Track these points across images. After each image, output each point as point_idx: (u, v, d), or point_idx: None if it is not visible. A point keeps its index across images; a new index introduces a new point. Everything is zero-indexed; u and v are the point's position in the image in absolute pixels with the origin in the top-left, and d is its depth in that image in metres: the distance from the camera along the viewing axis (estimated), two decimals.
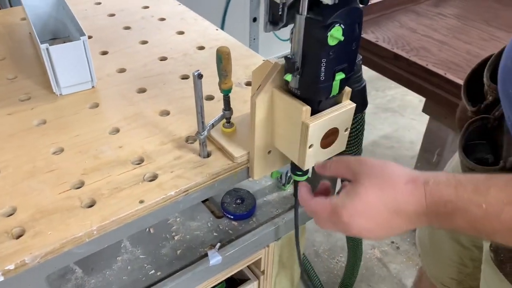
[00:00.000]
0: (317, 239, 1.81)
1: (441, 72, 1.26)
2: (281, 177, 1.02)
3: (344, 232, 0.58)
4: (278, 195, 1.02)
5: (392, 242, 1.80)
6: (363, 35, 1.45)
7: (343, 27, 0.54)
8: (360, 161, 0.57)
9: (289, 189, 1.03)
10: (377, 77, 2.18)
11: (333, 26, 0.53)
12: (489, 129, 0.69)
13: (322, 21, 0.54)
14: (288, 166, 0.81)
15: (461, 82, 1.21)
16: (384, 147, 2.26)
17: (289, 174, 1.01)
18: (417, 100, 2.52)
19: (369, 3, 1.63)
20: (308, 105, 0.63)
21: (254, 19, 2.54)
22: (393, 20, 1.65)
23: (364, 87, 0.72)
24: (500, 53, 0.69)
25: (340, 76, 0.60)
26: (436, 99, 1.31)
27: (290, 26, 0.59)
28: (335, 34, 0.53)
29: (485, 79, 0.70)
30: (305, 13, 0.55)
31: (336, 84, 0.61)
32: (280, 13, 0.55)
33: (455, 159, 0.89)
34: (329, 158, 0.71)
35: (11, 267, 0.59)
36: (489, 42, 1.49)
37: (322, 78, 0.59)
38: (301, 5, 0.54)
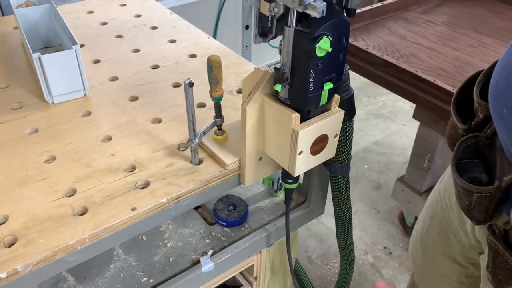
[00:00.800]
0: (310, 245, 1.82)
1: (430, 78, 1.28)
2: (272, 184, 1.03)
3: None
4: (270, 202, 1.03)
5: (385, 248, 1.81)
6: (354, 42, 1.47)
7: (330, 38, 0.55)
8: None
9: (281, 195, 1.04)
10: (368, 84, 2.20)
11: (321, 38, 0.54)
12: (481, 147, 0.69)
13: (310, 33, 0.55)
14: (279, 173, 0.82)
15: (450, 88, 1.23)
16: (376, 153, 2.28)
17: (280, 181, 1.02)
18: (408, 106, 2.55)
19: (360, 11, 1.65)
20: (298, 113, 0.65)
21: (247, 27, 2.56)
22: (383, 27, 1.67)
23: (352, 96, 0.73)
24: (489, 70, 0.68)
25: (328, 86, 0.61)
26: (426, 105, 1.33)
27: (280, 37, 0.60)
28: (323, 46, 0.55)
29: (475, 97, 0.69)
30: (294, 25, 0.56)
31: (324, 94, 0.62)
32: (269, 25, 0.56)
33: (447, 175, 0.88)
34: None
35: (3, 275, 0.60)
36: (477, 49, 1.51)
37: (311, 88, 0.60)
38: (289, 18, 0.55)
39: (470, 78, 0.74)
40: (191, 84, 0.68)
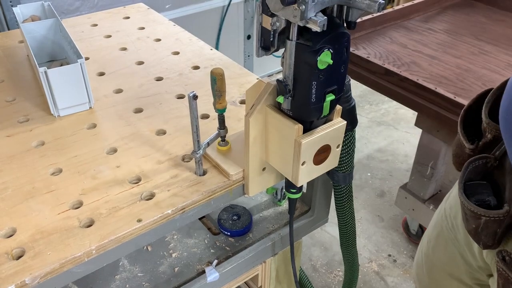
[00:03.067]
0: (314, 254, 1.82)
1: (432, 86, 1.29)
2: (276, 193, 1.03)
3: None
4: (274, 211, 1.03)
5: (389, 255, 1.81)
6: (355, 51, 1.48)
7: (331, 51, 0.56)
8: None
9: (285, 204, 1.04)
10: (370, 92, 2.21)
11: (322, 51, 0.56)
12: (489, 169, 0.66)
13: (311, 46, 0.56)
14: (283, 182, 0.83)
15: (451, 96, 1.24)
16: (379, 160, 2.28)
17: (284, 190, 1.02)
18: (411, 113, 2.55)
19: (360, 20, 1.67)
20: (301, 124, 0.66)
21: (248, 37, 2.58)
22: (384, 36, 1.69)
23: (354, 106, 0.74)
24: (498, 89, 0.66)
25: (330, 97, 0.62)
26: (428, 113, 1.33)
27: (282, 49, 0.61)
28: (324, 59, 0.56)
29: (483, 117, 0.66)
30: (295, 39, 0.57)
31: (326, 105, 0.63)
32: (271, 39, 0.57)
33: (452, 194, 0.85)
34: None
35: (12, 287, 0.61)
36: (478, 56, 1.52)
37: (313, 99, 0.61)
38: (291, 31, 0.57)
39: (478, 97, 0.72)
40: (195, 97, 0.69)
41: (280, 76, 0.64)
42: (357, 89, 2.67)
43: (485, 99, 0.68)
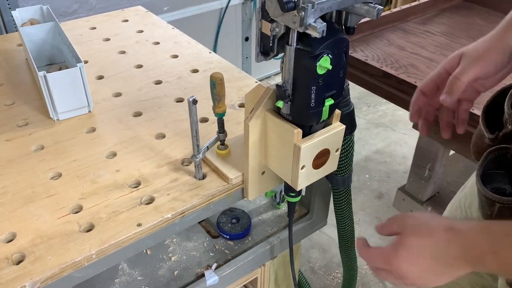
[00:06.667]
0: (312, 256, 1.82)
1: None
2: (275, 196, 1.04)
3: (401, 282, 0.63)
4: (273, 214, 1.04)
5: None
6: (353, 54, 1.49)
7: (331, 56, 0.57)
8: (405, 216, 0.63)
9: (284, 207, 1.05)
10: (367, 93, 2.22)
11: (322, 56, 0.56)
12: (509, 160, 0.67)
13: (311, 52, 0.56)
14: (282, 185, 0.83)
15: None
16: (377, 162, 2.29)
17: (283, 193, 1.03)
18: (408, 115, 2.56)
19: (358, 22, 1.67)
20: (300, 128, 0.66)
21: (246, 39, 2.58)
22: (382, 38, 1.69)
23: (352, 110, 0.75)
24: None
25: (329, 102, 0.63)
26: None
27: (281, 54, 0.61)
28: (324, 64, 0.56)
29: (506, 108, 0.68)
30: (295, 44, 0.57)
31: (325, 110, 0.63)
32: (270, 44, 0.58)
33: (469, 183, 0.87)
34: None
35: None
36: None
37: (312, 104, 0.61)
38: (290, 37, 0.57)
39: (502, 90, 0.73)
40: (194, 102, 0.70)
41: (278, 79, 0.64)
42: (354, 91, 2.67)
43: (509, 91, 0.69)
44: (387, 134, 2.50)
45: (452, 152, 1.75)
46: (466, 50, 0.73)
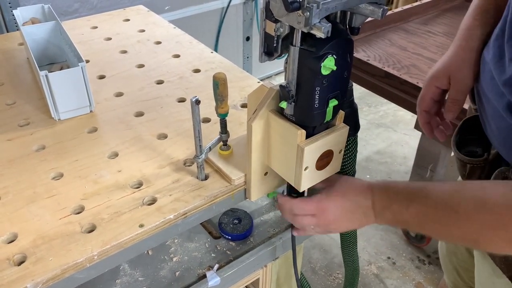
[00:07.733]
0: (313, 256, 1.82)
1: None
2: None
3: (322, 228, 0.76)
4: (275, 215, 1.03)
5: (388, 258, 1.81)
6: (355, 54, 1.48)
7: (335, 57, 0.56)
8: (335, 175, 0.76)
9: None
10: (368, 93, 2.22)
11: (326, 57, 0.55)
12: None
13: (315, 52, 0.56)
14: (284, 186, 0.83)
15: None
16: (378, 162, 2.28)
17: (285, 194, 1.02)
18: (409, 115, 2.56)
19: None
20: (303, 129, 0.65)
21: (247, 38, 2.58)
22: (384, 39, 1.69)
23: (356, 111, 0.74)
24: None
25: (333, 102, 0.62)
26: None
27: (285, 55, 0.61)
28: (328, 64, 0.56)
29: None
30: (299, 44, 0.57)
31: (329, 111, 0.63)
32: (274, 44, 0.57)
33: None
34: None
35: None
36: None
37: (316, 105, 0.61)
38: (294, 37, 0.56)
39: (463, 121, 0.84)
40: (197, 102, 0.69)
41: (279, 78, 0.64)
42: (355, 91, 2.65)
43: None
44: (388, 134, 2.50)
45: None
46: (450, 70, 0.82)
